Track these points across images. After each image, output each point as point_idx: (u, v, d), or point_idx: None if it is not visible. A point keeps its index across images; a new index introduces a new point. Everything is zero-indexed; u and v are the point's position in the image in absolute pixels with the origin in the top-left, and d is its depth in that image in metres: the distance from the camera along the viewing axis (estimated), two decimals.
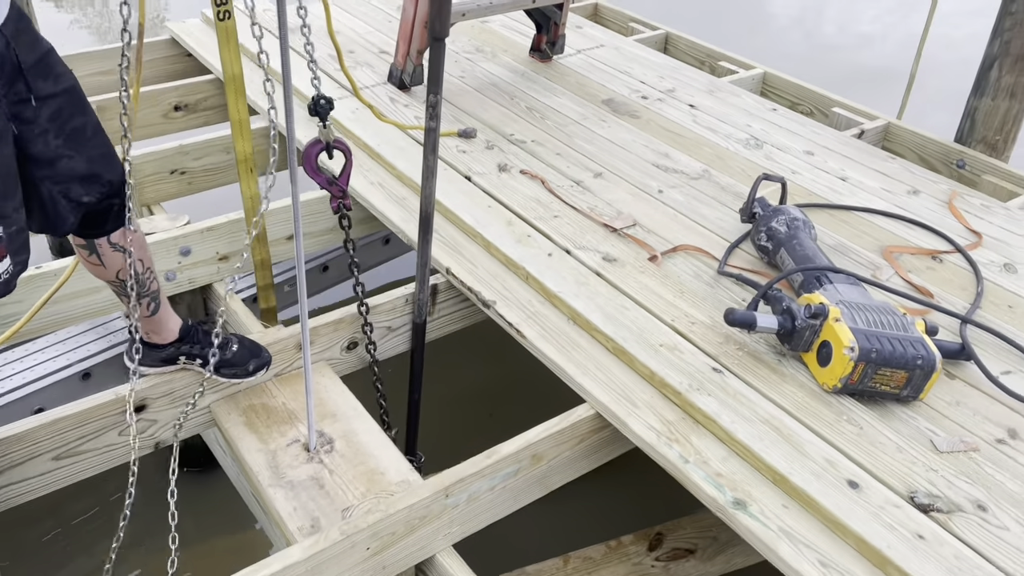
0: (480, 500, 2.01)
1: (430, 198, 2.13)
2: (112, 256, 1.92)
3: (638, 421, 2.03)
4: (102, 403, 2.10)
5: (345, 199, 2.06)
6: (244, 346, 2.23)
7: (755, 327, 2.12)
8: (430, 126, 2.02)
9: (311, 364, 2.37)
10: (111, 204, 1.86)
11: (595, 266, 2.52)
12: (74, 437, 2.09)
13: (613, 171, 3.09)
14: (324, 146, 1.94)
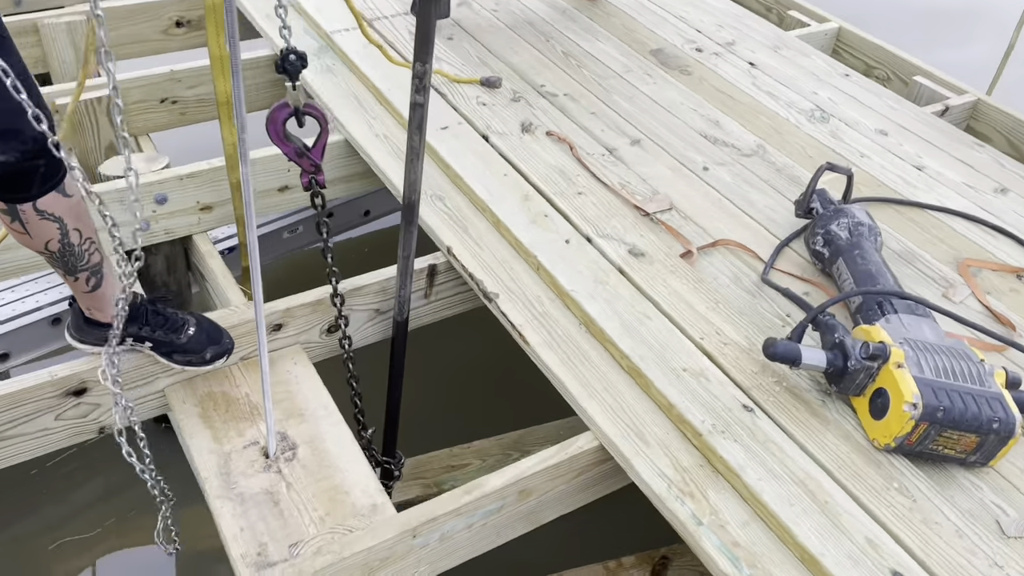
0: (454, 539, 1.74)
1: (414, 184, 1.78)
2: (40, 225, 1.62)
3: (647, 464, 1.72)
4: (35, 385, 1.84)
5: (318, 174, 1.72)
6: (202, 329, 1.94)
7: (799, 364, 1.77)
8: (416, 100, 1.66)
9: (282, 348, 2.09)
10: (35, 166, 1.55)
11: (618, 260, 2.17)
12: (4, 421, 1.84)
13: (653, 138, 2.69)
14: (292, 111, 1.60)
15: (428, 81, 1.64)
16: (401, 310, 2.02)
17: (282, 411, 1.97)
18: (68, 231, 1.66)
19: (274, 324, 2.07)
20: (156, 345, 1.90)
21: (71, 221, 1.66)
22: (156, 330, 1.88)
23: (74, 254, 1.70)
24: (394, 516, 1.69)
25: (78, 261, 1.72)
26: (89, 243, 1.73)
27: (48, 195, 1.60)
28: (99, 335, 1.87)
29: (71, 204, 1.65)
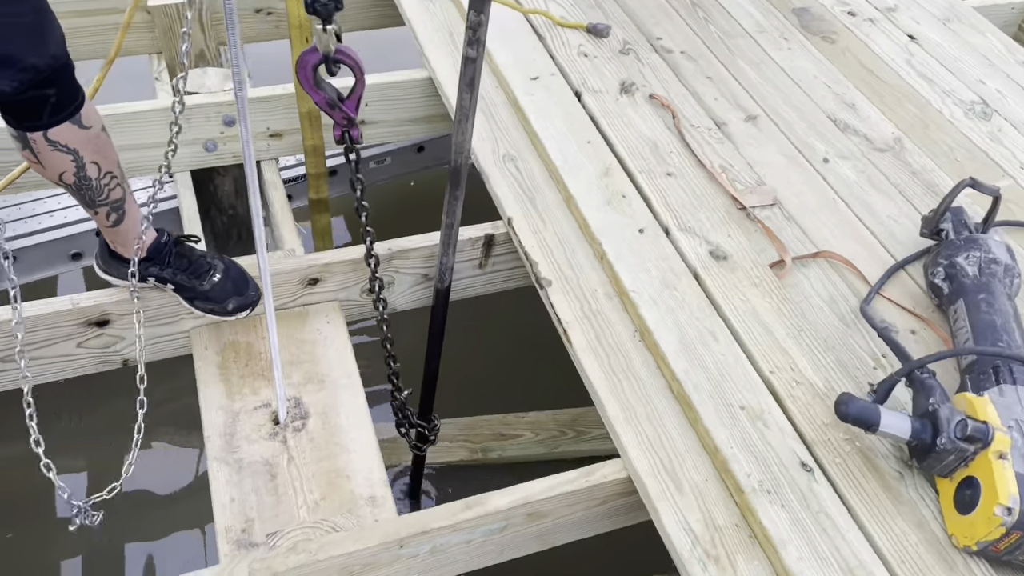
0: (448, 552, 1.58)
1: (462, 147, 1.57)
2: (52, 156, 1.51)
3: (674, 514, 1.49)
4: (54, 312, 1.78)
5: (352, 128, 1.53)
6: (228, 277, 1.82)
7: (876, 428, 1.48)
8: (468, 54, 1.43)
9: (317, 303, 1.96)
10: (43, 95, 1.42)
11: (695, 261, 1.89)
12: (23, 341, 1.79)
13: (773, 116, 2.35)
14: (322, 58, 1.41)
15: (483, 34, 1.41)
16: (442, 278, 1.83)
17: (302, 373, 1.85)
18: (84, 164, 1.55)
19: (310, 278, 1.94)
20: (178, 288, 1.80)
21: (88, 154, 1.55)
22: (178, 273, 1.78)
23: (92, 188, 1.59)
24: (383, 522, 1.55)
25: (96, 196, 1.61)
26: (109, 178, 1.62)
27: (61, 125, 1.48)
28: (122, 270, 1.79)
29: (88, 136, 1.53)
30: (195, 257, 1.81)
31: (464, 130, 1.53)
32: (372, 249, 1.74)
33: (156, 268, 1.76)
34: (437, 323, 1.94)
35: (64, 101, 1.46)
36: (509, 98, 2.31)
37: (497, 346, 3.07)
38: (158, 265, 1.76)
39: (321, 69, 1.45)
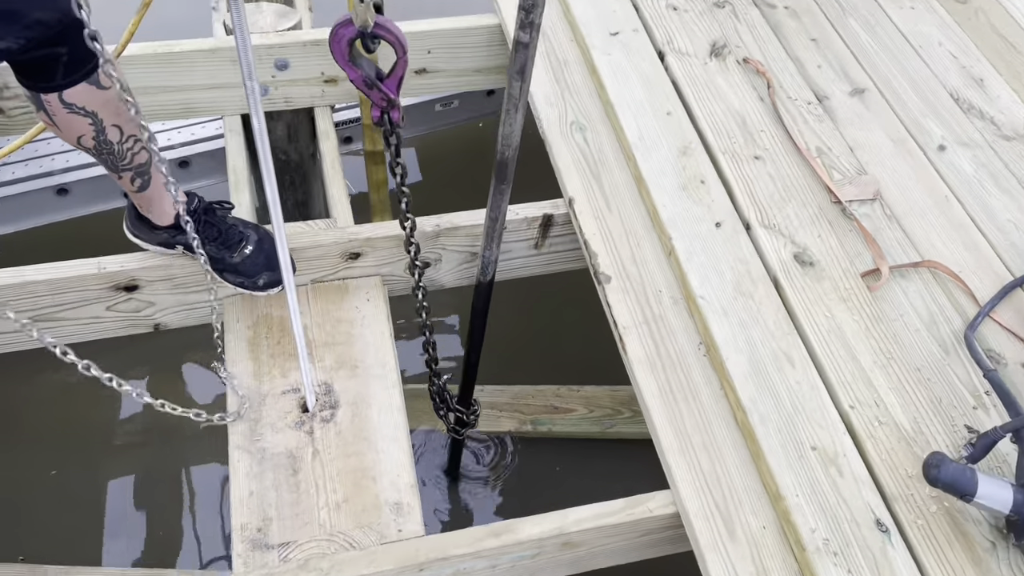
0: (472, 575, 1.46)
1: (509, 139, 1.37)
2: (68, 119, 1.38)
3: (722, 565, 1.33)
4: (79, 275, 1.69)
5: (392, 110, 1.35)
6: (261, 250, 1.69)
7: (972, 499, 1.28)
8: (520, 39, 1.22)
9: (357, 278, 1.82)
10: (53, 54, 1.28)
11: (777, 266, 1.67)
12: (48, 304, 1.71)
13: (884, 89, 2.06)
14: (358, 32, 1.22)
15: (538, 17, 1.19)
16: (484, 272, 1.67)
17: (336, 357, 1.73)
18: (104, 127, 1.42)
19: (351, 252, 1.79)
20: (208, 258, 1.68)
21: (109, 117, 1.41)
22: (208, 243, 1.65)
23: (113, 152, 1.46)
24: (401, 544, 1.43)
25: (119, 160, 1.48)
26: (133, 141, 1.48)
27: (77, 86, 1.34)
28: (150, 234, 1.67)
29: (108, 97, 1.39)
30: (226, 226, 1.68)
31: (512, 121, 1.34)
32: (412, 238, 1.57)
33: (184, 237, 1.64)
34: (479, 315, 1.78)
35: (78, 60, 1.32)
36: (584, 57, 2.08)
37: (558, 315, 2.91)
38: (185, 233, 1.64)
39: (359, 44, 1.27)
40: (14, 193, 2.52)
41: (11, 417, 2.65)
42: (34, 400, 2.73)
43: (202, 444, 2.61)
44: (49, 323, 1.75)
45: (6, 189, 2.52)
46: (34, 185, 2.55)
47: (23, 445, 2.60)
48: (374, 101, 1.34)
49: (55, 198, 2.57)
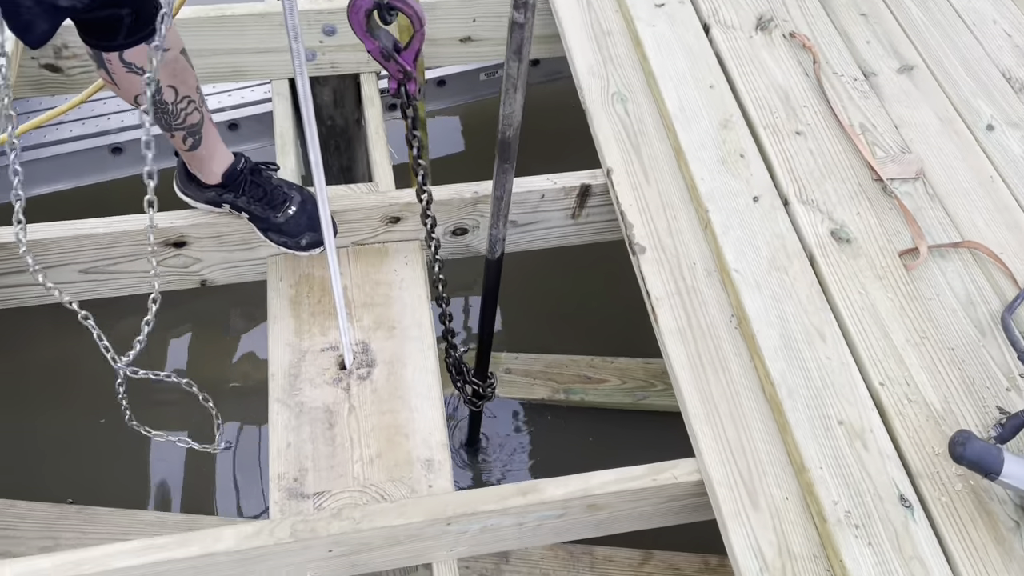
0: (500, 531, 1.50)
1: (511, 118, 1.39)
2: (126, 78, 1.43)
3: (744, 533, 1.36)
4: (131, 231, 1.75)
5: (408, 82, 1.37)
6: (304, 211, 1.74)
7: (997, 477, 1.28)
8: (515, 19, 1.23)
9: (397, 241, 1.87)
10: (116, 15, 1.33)
11: (813, 242, 1.67)
12: (103, 257, 1.78)
13: (934, 67, 2.03)
14: (374, 4, 1.24)
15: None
16: (493, 249, 1.69)
17: (374, 317, 1.77)
18: (161, 88, 1.47)
19: (391, 216, 1.83)
20: (252, 217, 1.73)
21: (165, 77, 1.46)
22: (253, 202, 1.70)
23: (168, 112, 1.51)
24: (430, 498, 1.48)
25: (172, 120, 1.54)
26: (187, 102, 1.53)
27: (138, 47, 1.39)
28: (199, 192, 1.73)
29: (167, 58, 1.44)
30: (271, 187, 1.73)
31: (512, 101, 1.35)
32: (429, 210, 1.59)
33: (231, 195, 1.69)
34: (490, 291, 1.80)
35: (141, 20, 1.36)
36: (628, 28, 2.08)
37: (596, 286, 2.93)
38: (232, 192, 1.69)
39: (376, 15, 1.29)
40: (71, 151, 2.61)
41: (68, 368, 2.76)
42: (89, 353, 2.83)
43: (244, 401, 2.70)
44: (104, 275, 1.83)
45: (64, 147, 2.60)
46: (90, 143, 2.63)
47: (77, 395, 2.71)
48: (391, 73, 1.36)
49: (110, 156, 2.65)
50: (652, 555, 2.09)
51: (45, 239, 1.74)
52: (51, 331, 2.74)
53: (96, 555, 1.35)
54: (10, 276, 1.77)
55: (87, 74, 2.16)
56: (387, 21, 1.25)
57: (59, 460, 2.54)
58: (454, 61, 2.42)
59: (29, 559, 1.34)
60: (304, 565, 1.47)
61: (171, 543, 1.37)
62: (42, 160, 2.59)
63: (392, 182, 1.99)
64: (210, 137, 1.63)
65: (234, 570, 1.42)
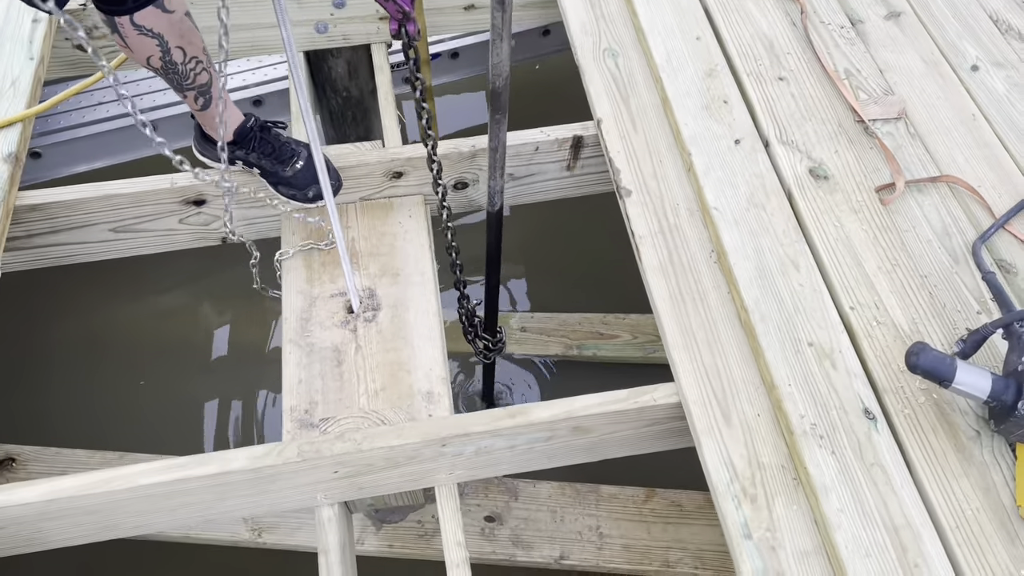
0: (493, 454, 1.62)
1: (500, 67, 1.47)
2: (139, 40, 1.57)
3: (716, 447, 1.45)
4: (155, 189, 1.89)
5: (408, 23, 1.47)
6: (311, 166, 1.86)
7: (950, 384, 1.35)
8: None
9: (401, 196, 1.98)
10: None
11: (791, 179, 1.75)
12: (130, 216, 1.93)
13: (921, 12, 2.08)
14: None
15: None
16: (492, 201, 1.78)
17: (379, 266, 1.89)
18: (170, 48, 1.60)
19: (394, 171, 1.95)
20: (263, 172, 1.86)
21: (173, 39, 1.59)
22: (263, 158, 1.83)
23: (178, 72, 1.65)
24: (426, 421, 1.59)
25: (183, 80, 1.67)
26: (195, 62, 1.66)
27: (146, 9, 1.52)
28: (213, 151, 1.86)
29: (172, 20, 1.57)
30: (280, 143, 1.85)
31: (499, 51, 1.44)
32: (435, 155, 1.70)
33: (242, 152, 1.83)
34: (492, 244, 1.90)
35: None
36: None
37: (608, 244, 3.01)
38: (244, 149, 1.82)
39: None
40: (107, 130, 2.77)
41: (111, 333, 2.95)
42: (127, 321, 3.02)
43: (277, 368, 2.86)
44: (131, 234, 1.97)
45: (100, 126, 2.77)
46: (126, 122, 2.79)
47: (115, 360, 2.89)
48: (391, 14, 1.46)
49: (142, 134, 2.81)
50: (655, 492, 2.18)
51: (76, 199, 1.89)
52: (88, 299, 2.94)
53: (125, 473, 1.50)
54: (45, 236, 1.92)
55: (114, 54, 2.32)
56: None
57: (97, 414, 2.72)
58: (458, 29, 2.52)
59: (63, 478, 1.49)
60: (313, 486, 1.60)
61: (190, 463, 1.51)
62: (81, 139, 2.76)
63: (400, 143, 2.10)
64: (218, 95, 1.76)
65: (248, 490, 1.55)
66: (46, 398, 2.81)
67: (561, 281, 3.05)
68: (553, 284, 3.07)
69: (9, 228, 1.82)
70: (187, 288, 3.15)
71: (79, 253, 1.99)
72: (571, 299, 2.94)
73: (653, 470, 2.23)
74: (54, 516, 1.47)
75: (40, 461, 2.25)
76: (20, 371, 2.88)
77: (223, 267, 3.15)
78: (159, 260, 2.13)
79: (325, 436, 1.58)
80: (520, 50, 3.10)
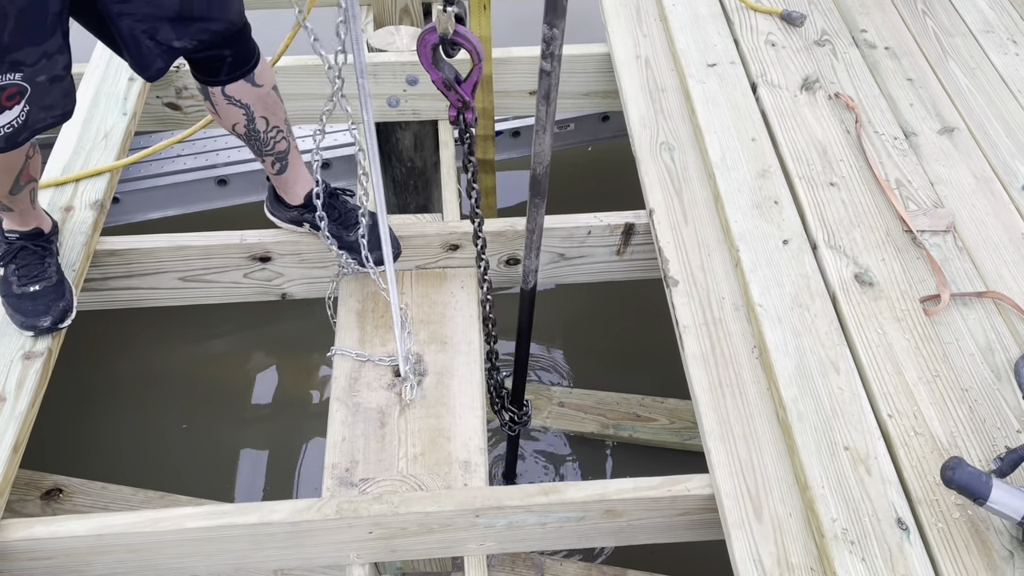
0: (525, 529, 1.64)
1: (541, 156, 1.55)
2: (227, 109, 1.69)
3: (746, 543, 1.46)
4: (224, 244, 2.00)
5: (466, 111, 1.57)
6: (373, 232, 1.95)
7: (985, 502, 1.36)
8: (544, 68, 1.39)
9: (455, 267, 2.06)
10: (220, 55, 1.59)
11: (836, 283, 1.79)
12: (199, 267, 2.04)
13: (975, 130, 2.13)
14: (439, 39, 1.44)
15: (558, 49, 1.37)
16: (526, 280, 1.84)
17: (428, 333, 1.96)
18: (255, 118, 1.72)
19: (451, 244, 2.03)
20: (329, 236, 1.96)
21: (259, 110, 1.71)
22: (330, 222, 1.93)
23: (259, 140, 1.76)
24: (462, 490, 1.64)
25: (263, 147, 1.78)
26: (276, 132, 1.78)
27: (237, 82, 1.65)
28: (284, 212, 1.97)
29: (260, 94, 1.69)
30: (346, 209, 1.95)
31: (541, 141, 1.52)
32: (480, 232, 1.76)
33: (311, 215, 1.93)
34: (524, 321, 1.95)
35: (240, 61, 1.62)
36: (681, 84, 2.25)
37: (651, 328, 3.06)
38: (312, 211, 1.92)
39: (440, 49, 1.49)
40: (184, 181, 2.93)
41: (159, 376, 3.05)
42: (179, 364, 3.13)
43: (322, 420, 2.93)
44: (198, 283, 2.08)
45: (178, 176, 2.93)
46: (200, 175, 2.95)
47: (163, 401, 2.99)
48: (451, 102, 1.56)
49: (216, 187, 2.96)
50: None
51: (151, 248, 2.00)
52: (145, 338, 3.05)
53: (171, 515, 1.56)
54: (119, 279, 2.03)
55: (202, 112, 2.47)
56: (450, 55, 1.45)
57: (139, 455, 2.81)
58: (523, 112, 2.63)
59: (113, 514, 1.56)
60: (348, 545, 1.64)
61: (233, 511, 1.57)
62: (158, 188, 2.92)
63: (458, 215, 2.20)
64: (295, 163, 1.87)
65: (286, 542, 1.60)
66: (95, 431, 2.90)
67: (601, 360, 3.08)
68: (594, 362, 3.11)
69: (88, 270, 1.93)
70: (241, 336, 3.26)
71: (149, 298, 2.10)
72: (610, 377, 2.97)
73: (681, 560, 2.23)
74: (102, 551, 1.53)
75: (86, 494, 2.32)
76: (74, 402, 2.99)
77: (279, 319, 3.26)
78: (220, 307, 2.23)
79: (364, 496, 1.62)
80: (579, 133, 3.21)
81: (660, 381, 2.92)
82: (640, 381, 2.94)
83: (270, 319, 3.25)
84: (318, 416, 2.99)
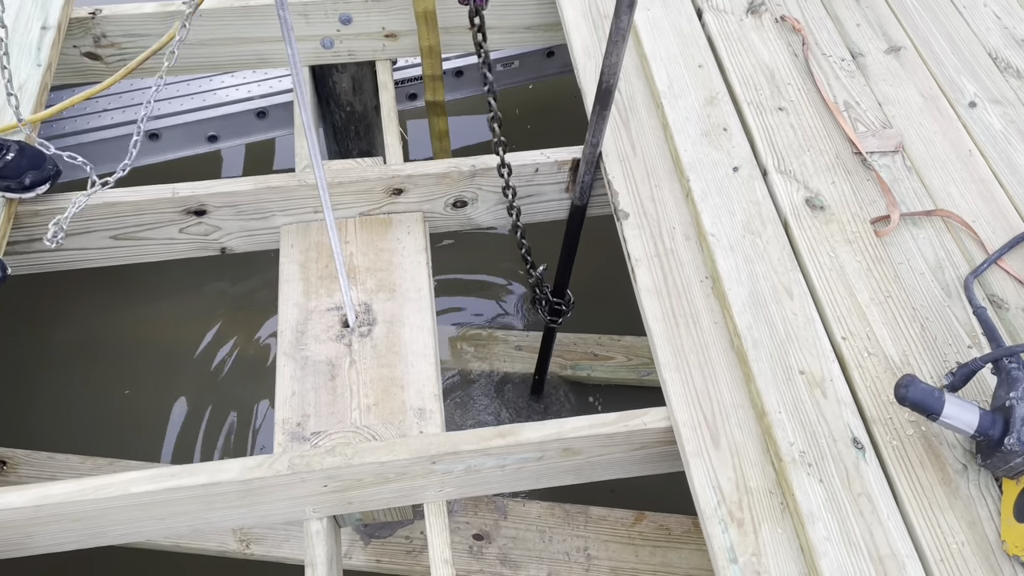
0: (483, 473, 1.62)
1: (614, 68, 1.52)
2: None
3: (704, 470, 1.45)
4: (156, 199, 1.90)
5: None
6: (23, 155, 1.80)
7: (938, 417, 1.36)
8: None
9: (401, 212, 2.00)
10: None
11: (788, 208, 1.76)
12: (131, 224, 1.94)
13: (921, 48, 2.10)
14: None
15: None
16: (581, 195, 1.81)
17: (376, 281, 1.90)
18: None
19: (394, 188, 1.96)
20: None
21: None
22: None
23: None
24: (416, 438, 1.60)
25: None
26: None
27: None
28: None
29: None
30: None
31: (618, 51, 1.48)
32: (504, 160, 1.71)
33: None
34: (571, 238, 1.94)
35: None
36: None
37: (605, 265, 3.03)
38: None
39: None
40: (112, 136, 2.79)
41: (104, 343, 2.96)
42: (125, 329, 3.03)
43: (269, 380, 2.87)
44: (131, 242, 1.99)
45: (105, 132, 2.79)
46: (129, 130, 2.81)
47: (110, 368, 2.90)
48: None
49: (147, 142, 2.83)
50: (644, 515, 2.18)
51: None
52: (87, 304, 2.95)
53: (115, 481, 1.50)
54: None
55: (123, 62, 2.34)
56: None
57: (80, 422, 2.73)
58: (461, 49, 2.54)
59: (53, 484, 1.49)
60: (303, 500, 1.60)
61: (181, 472, 1.51)
62: (82, 145, 2.78)
63: (401, 159, 2.12)
64: None
65: (238, 501, 1.56)
66: (39, 401, 2.81)
67: None
68: None
69: (11, 232, 1.83)
70: (188, 297, 3.17)
71: (80, 259, 2.00)
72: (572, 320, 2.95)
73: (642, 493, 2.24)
74: (44, 522, 1.47)
75: (31, 465, 2.25)
76: (16, 373, 2.88)
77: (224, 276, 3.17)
78: (160, 268, 2.15)
79: (316, 450, 1.58)
80: (524, 71, 3.13)
81: (619, 320, 2.90)
82: (602, 321, 2.92)
83: (214, 277, 3.17)
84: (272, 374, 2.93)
